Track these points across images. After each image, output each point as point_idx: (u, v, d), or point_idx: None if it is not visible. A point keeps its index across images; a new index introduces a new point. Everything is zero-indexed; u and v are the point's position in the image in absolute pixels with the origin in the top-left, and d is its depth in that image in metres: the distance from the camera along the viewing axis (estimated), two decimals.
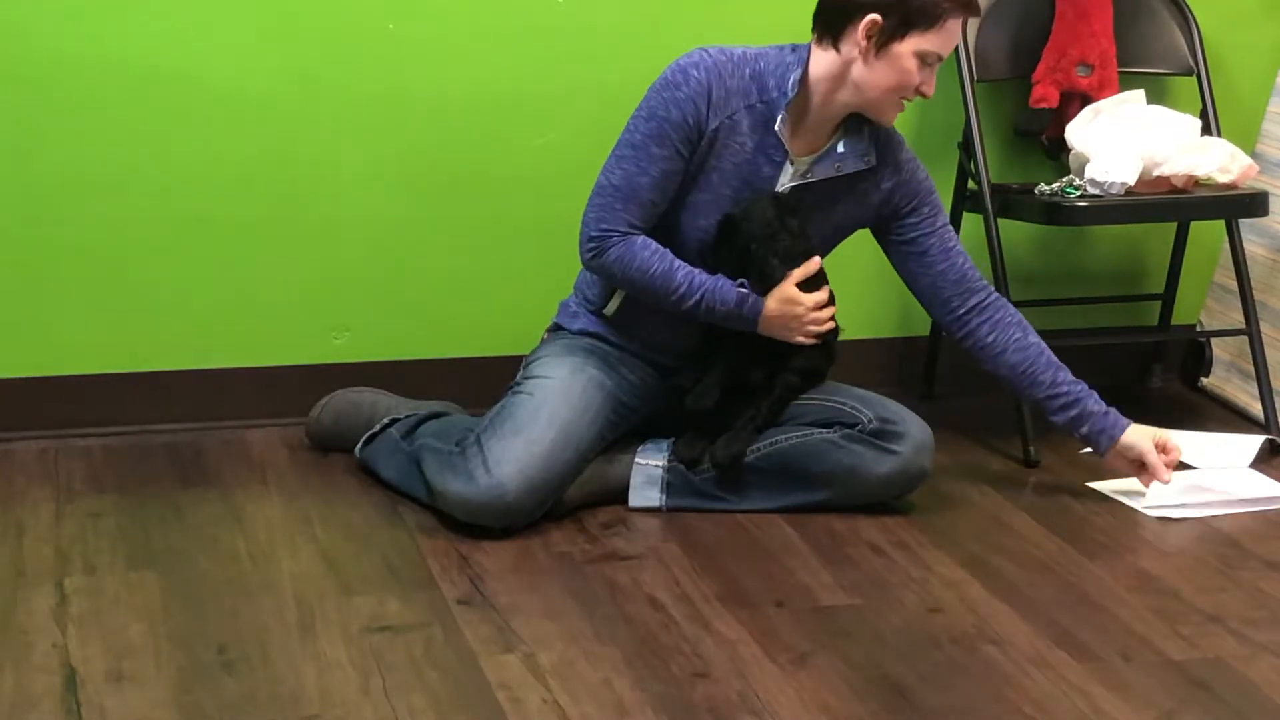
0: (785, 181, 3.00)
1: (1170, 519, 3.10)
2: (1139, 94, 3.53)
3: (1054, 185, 3.45)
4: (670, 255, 2.97)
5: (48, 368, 3.38)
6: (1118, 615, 2.69)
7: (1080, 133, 3.47)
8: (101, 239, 3.35)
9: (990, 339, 3.11)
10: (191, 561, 2.82)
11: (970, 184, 3.62)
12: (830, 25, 2.93)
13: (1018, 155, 3.76)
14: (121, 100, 3.30)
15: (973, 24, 3.59)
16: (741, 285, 2.97)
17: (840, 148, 3.01)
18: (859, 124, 3.02)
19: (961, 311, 3.12)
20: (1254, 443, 3.43)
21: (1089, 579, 2.83)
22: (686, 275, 2.97)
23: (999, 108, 3.72)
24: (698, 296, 2.97)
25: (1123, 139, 3.41)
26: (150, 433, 3.42)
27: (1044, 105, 3.61)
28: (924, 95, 2.95)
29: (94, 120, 3.30)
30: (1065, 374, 3.11)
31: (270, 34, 3.35)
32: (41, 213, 3.33)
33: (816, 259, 3.00)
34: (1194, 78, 3.71)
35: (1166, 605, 2.73)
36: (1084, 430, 3.11)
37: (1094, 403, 3.10)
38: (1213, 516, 3.11)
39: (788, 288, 2.97)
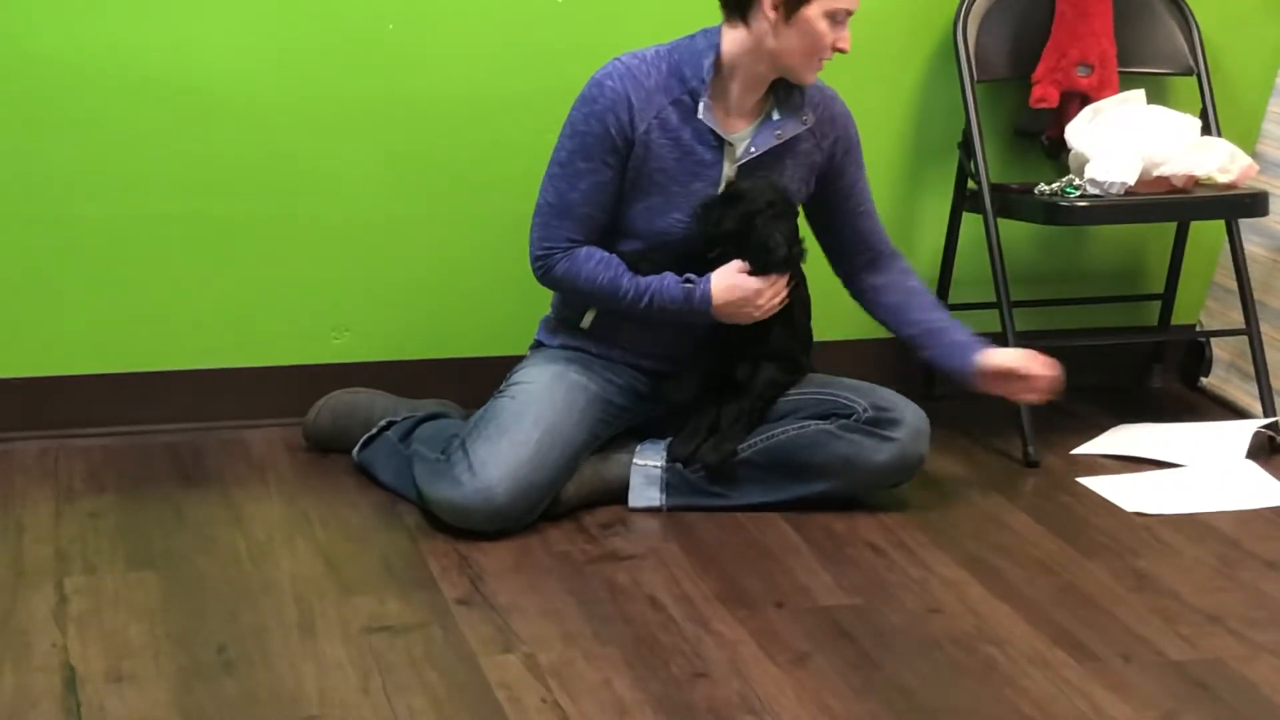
0: (731, 164, 3.01)
1: (1166, 514, 3.10)
2: (1139, 94, 3.53)
3: (1054, 185, 3.45)
4: (616, 262, 3.00)
5: (48, 368, 3.38)
6: (1118, 615, 2.69)
7: (1080, 133, 3.47)
8: (101, 239, 3.35)
9: (875, 282, 3.17)
10: (191, 561, 2.82)
11: (970, 184, 3.62)
12: (736, 2, 2.95)
13: (1018, 155, 3.76)
14: (120, 101, 3.30)
15: (973, 23, 3.59)
16: (687, 281, 2.99)
17: (776, 115, 3.03)
18: (788, 89, 3.04)
19: (860, 263, 3.19)
20: (1248, 429, 3.44)
21: (1089, 579, 2.83)
22: (631, 280, 2.99)
23: (999, 108, 3.72)
24: (647, 298, 2.99)
25: (1123, 139, 3.41)
26: (150, 433, 3.42)
27: (1044, 105, 3.61)
28: (841, 51, 2.97)
29: (93, 121, 3.30)
30: (939, 313, 3.16)
31: (270, 34, 3.35)
32: (41, 213, 3.32)
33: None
34: (1194, 78, 3.71)
35: (1166, 605, 2.73)
36: (944, 365, 3.14)
37: (951, 335, 3.12)
38: (1210, 514, 3.12)
39: (734, 275, 2.98)
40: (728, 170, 3.02)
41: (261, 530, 2.96)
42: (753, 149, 3.01)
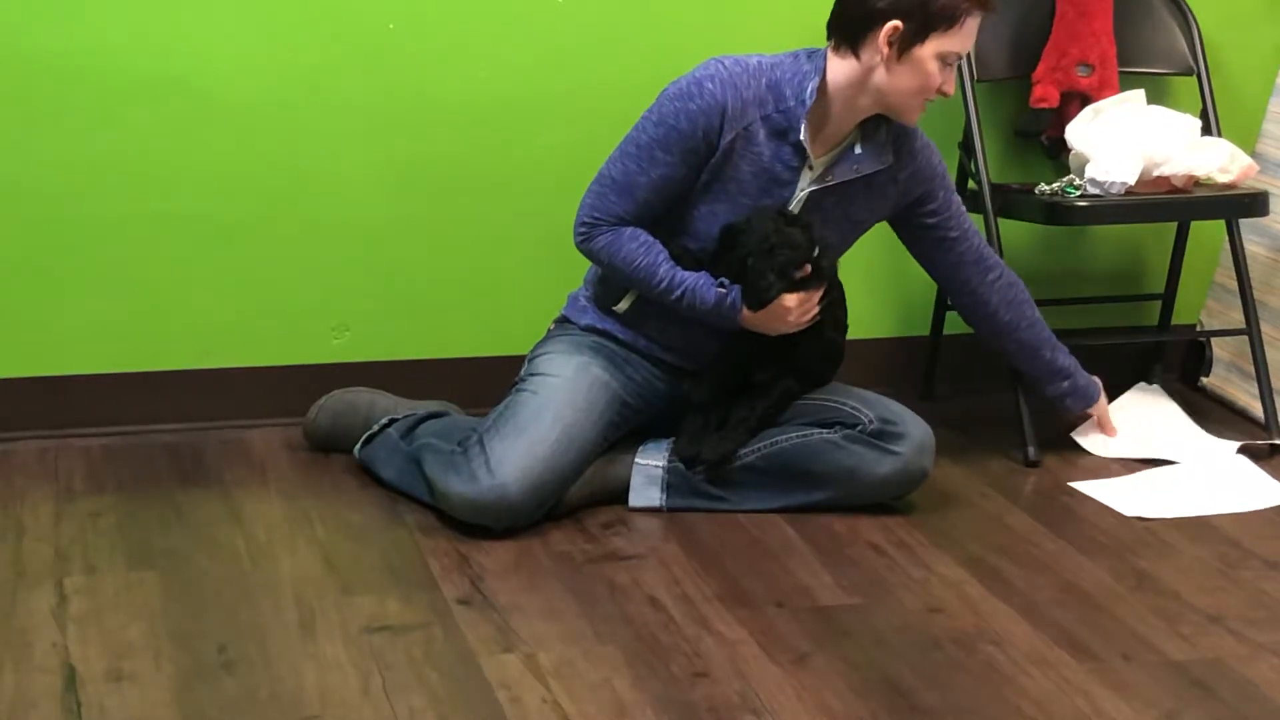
0: (804, 186, 3.00)
1: (1165, 519, 3.10)
2: (1139, 94, 3.53)
3: (1054, 185, 3.45)
4: (657, 249, 2.99)
5: (48, 368, 3.38)
6: (1118, 615, 2.69)
7: (1080, 133, 3.47)
8: (101, 239, 3.35)
9: (1007, 319, 3.27)
10: (191, 561, 2.82)
11: (970, 184, 3.62)
12: (849, 33, 2.93)
13: (1018, 155, 3.76)
14: (122, 101, 3.30)
15: None
16: (721, 285, 2.98)
17: (858, 149, 3.01)
18: (876, 123, 3.02)
19: (981, 291, 3.24)
20: (1230, 449, 3.44)
21: (1089, 579, 2.83)
22: (669, 271, 2.98)
23: (999, 108, 3.72)
24: (679, 292, 2.98)
25: (1123, 139, 3.41)
26: (150, 433, 3.42)
27: (1044, 105, 3.61)
28: (945, 95, 2.96)
29: (94, 121, 3.30)
30: (1060, 354, 3.36)
31: (271, 34, 3.35)
32: (42, 213, 3.32)
33: (806, 267, 2.98)
34: (1194, 77, 3.71)
35: (1166, 605, 2.73)
36: (1063, 404, 3.42)
37: (1076, 381, 3.39)
38: (1210, 516, 3.12)
39: None
40: (800, 193, 3.00)
41: (262, 530, 2.96)
42: (829, 178, 3.00)
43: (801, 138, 2.95)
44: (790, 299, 2.96)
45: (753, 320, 2.99)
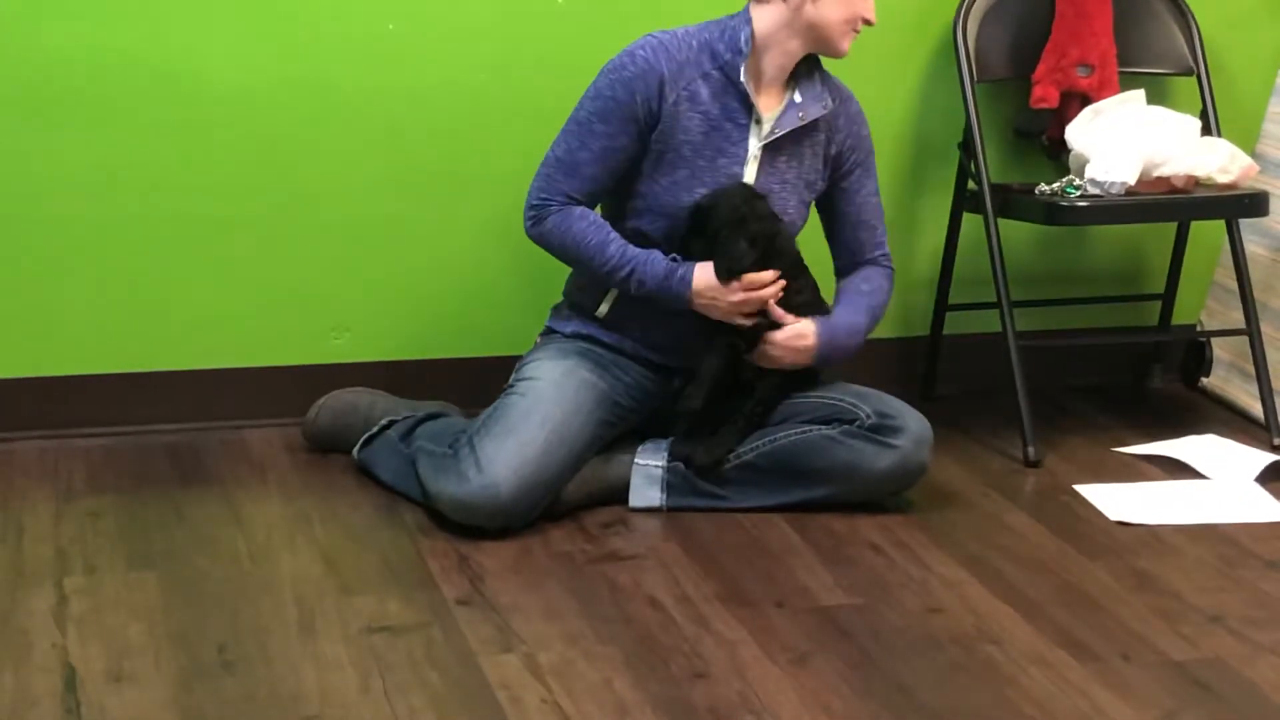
0: (756, 142, 3.03)
1: (1149, 525, 3.09)
2: (1139, 94, 3.53)
3: (1054, 185, 3.44)
4: (608, 229, 3.02)
5: (48, 368, 3.38)
6: (1118, 615, 2.69)
7: (1080, 133, 3.47)
8: (101, 239, 3.35)
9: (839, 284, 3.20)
10: (191, 561, 2.82)
11: (970, 184, 3.62)
12: None
13: (1018, 155, 3.76)
14: (121, 100, 3.30)
15: (973, 23, 3.59)
16: (674, 258, 2.99)
17: (798, 97, 3.06)
18: (808, 70, 3.08)
19: (860, 260, 3.20)
20: (1261, 459, 3.40)
21: (1089, 579, 2.83)
22: (619, 248, 3.00)
23: (999, 108, 3.72)
24: (628, 269, 3.00)
25: (1123, 139, 3.40)
26: (150, 433, 3.42)
27: (1044, 105, 3.61)
28: (868, 22, 3.03)
29: (94, 120, 3.30)
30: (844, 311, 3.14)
31: (270, 34, 3.35)
32: (41, 213, 3.33)
33: (770, 273, 2.99)
34: (1194, 78, 3.71)
35: (1167, 605, 2.73)
36: None
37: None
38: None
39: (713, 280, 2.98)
40: (753, 148, 3.03)
41: (261, 530, 2.96)
42: (776, 130, 3.03)
43: (742, 78, 2.99)
44: (731, 294, 2.97)
45: (701, 297, 2.99)
